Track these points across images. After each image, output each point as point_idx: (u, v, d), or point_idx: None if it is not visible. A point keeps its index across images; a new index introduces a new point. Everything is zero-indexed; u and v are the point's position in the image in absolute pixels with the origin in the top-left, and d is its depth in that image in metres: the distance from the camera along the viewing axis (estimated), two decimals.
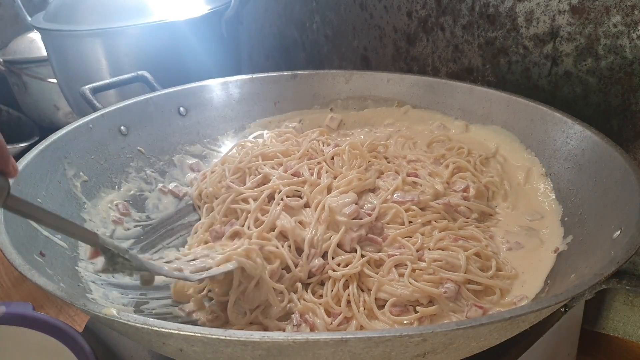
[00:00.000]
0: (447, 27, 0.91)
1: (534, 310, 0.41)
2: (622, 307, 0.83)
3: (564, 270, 0.57)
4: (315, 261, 0.60)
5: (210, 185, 0.74)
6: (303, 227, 0.64)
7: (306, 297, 0.59)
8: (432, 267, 0.58)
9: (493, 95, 0.80)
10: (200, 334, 0.38)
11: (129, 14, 0.95)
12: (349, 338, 0.37)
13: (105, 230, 0.69)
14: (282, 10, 1.27)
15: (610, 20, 0.70)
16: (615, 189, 0.57)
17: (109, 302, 0.56)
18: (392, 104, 0.90)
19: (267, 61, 1.40)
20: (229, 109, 0.90)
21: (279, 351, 0.40)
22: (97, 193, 0.72)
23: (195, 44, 1.00)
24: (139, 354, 0.61)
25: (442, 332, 0.38)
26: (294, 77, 0.92)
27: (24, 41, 1.40)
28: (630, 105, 0.72)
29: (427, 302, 0.57)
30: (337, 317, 0.56)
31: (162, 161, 0.82)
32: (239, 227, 0.65)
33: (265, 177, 0.72)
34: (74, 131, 0.72)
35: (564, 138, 0.70)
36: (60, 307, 0.90)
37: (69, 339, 0.57)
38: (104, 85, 0.86)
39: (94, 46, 0.97)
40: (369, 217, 0.64)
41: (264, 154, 0.77)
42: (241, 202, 0.69)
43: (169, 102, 0.84)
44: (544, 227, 0.66)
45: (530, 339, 0.59)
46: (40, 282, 0.45)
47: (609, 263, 0.45)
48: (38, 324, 0.58)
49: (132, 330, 0.45)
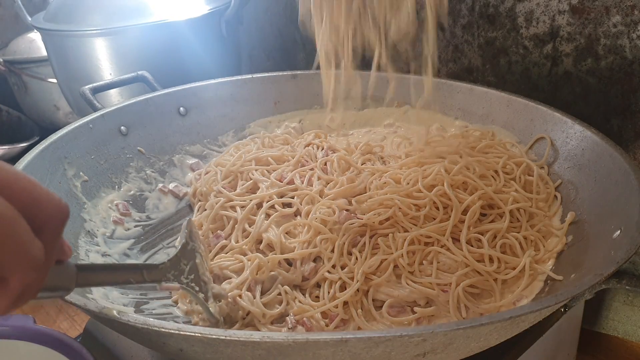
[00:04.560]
0: (447, 27, 0.91)
1: (534, 310, 0.41)
2: (622, 307, 0.84)
3: (564, 271, 0.57)
4: (306, 266, 0.60)
5: (204, 185, 0.75)
6: (293, 236, 0.63)
7: (301, 299, 0.58)
8: (429, 268, 0.58)
9: (493, 95, 0.80)
10: (200, 334, 0.38)
11: (129, 14, 0.95)
12: (349, 338, 0.37)
13: (106, 230, 0.69)
14: (282, 10, 1.27)
15: (610, 20, 0.71)
16: (615, 189, 0.57)
17: (109, 302, 0.56)
18: (392, 104, 0.90)
19: (267, 61, 1.40)
20: (229, 109, 0.89)
21: (279, 351, 0.40)
22: (97, 193, 0.72)
23: (195, 44, 1.00)
24: (139, 354, 0.61)
25: (442, 332, 0.38)
26: (294, 77, 0.92)
27: (24, 41, 1.40)
28: (630, 105, 0.72)
29: (424, 303, 0.57)
30: (334, 320, 0.55)
31: (162, 161, 0.82)
32: (225, 241, 0.65)
33: (256, 183, 0.72)
34: (74, 131, 0.72)
35: (564, 138, 0.70)
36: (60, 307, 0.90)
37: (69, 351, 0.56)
38: (104, 85, 0.86)
39: (94, 46, 0.96)
40: (360, 221, 0.63)
41: (257, 159, 0.76)
42: (229, 209, 0.68)
43: (169, 102, 0.84)
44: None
45: (530, 339, 0.59)
46: None
47: (609, 263, 0.45)
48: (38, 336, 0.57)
49: (132, 330, 0.45)
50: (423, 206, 0.63)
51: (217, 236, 0.65)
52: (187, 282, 0.50)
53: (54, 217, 0.30)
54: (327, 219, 0.63)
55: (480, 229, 0.61)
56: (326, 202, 0.65)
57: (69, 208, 0.31)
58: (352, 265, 0.59)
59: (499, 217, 0.64)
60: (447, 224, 0.60)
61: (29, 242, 0.28)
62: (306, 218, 0.64)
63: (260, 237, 0.63)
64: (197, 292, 0.51)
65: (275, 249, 0.62)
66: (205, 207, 0.71)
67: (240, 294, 0.57)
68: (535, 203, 0.66)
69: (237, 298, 0.56)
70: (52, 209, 0.30)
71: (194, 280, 0.51)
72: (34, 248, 0.28)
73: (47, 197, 0.29)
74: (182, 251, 0.51)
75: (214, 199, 0.71)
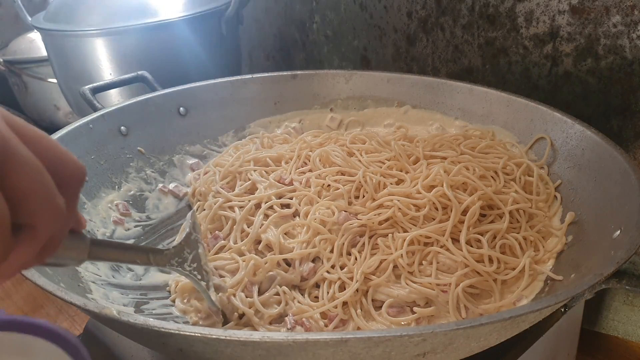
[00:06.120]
0: (447, 27, 0.91)
1: (534, 310, 0.41)
2: (622, 307, 0.84)
3: (564, 271, 0.57)
4: (305, 266, 0.60)
5: (202, 185, 0.75)
6: (292, 237, 0.63)
7: (300, 299, 0.58)
8: (429, 269, 0.58)
9: (493, 95, 0.80)
10: (200, 334, 0.38)
11: (129, 14, 0.95)
12: (349, 338, 0.37)
13: (106, 230, 0.69)
14: (282, 10, 1.27)
15: (610, 20, 0.70)
16: (615, 189, 0.57)
17: (109, 302, 0.56)
18: (392, 104, 0.90)
19: (267, 61, 1.40)
20: (229, 109, 0.89)
21: (278, 351, 0.40)
22: (97, 193, 0.72)
23: (195, 44, 1.01)
24: (139, 354, 0.61)
25: (442, 332, 0.38)
26: (294, 77, 0.92)
27: (24, 41, 1.40)
28: (630, 105, 0.72)
29: (424, 303, 0.57)
30: (334, 320, 0.55)
31: (162, 161, 0.82)
32: (224, 242, 0.65)
33: (254, 184, 0.72)
34: (74, 131, 0.72)
35: (564, 138, 0.70)
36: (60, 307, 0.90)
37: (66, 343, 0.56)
38: (104, 85, 0.86)
39: (94, 46, 0.97)
40: (359, 221, 0.62)
41: (256, 159, 0.76)
42: (228, 210, 0.69)
43: (169, 102, 0.84)
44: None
45: (530, 339, 0.59)
46: (40, 282, 0.45)
47: (609, 263, 0.45)
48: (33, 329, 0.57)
49: (132, 330, 0.45)
50: (422, 206, 0.63)
51: (215, 237, 0.65)
52: (190, 270, 0.52)
53: (74, 176, 0.32)
54: (327, 219, 0.62)
55: (480, 230, 0.61)
56: (325, 202, 0.65)
57: (86, 170, 0.33)
58: (351, 266, 0.59)
59: (498, 217, 0.64)
60: (447, 224, 0.60)
61: (54, 193, 0.29)
62: (305, 219, 0.64)
63: (259, 238, 0.63)
64: (199, 280, 0.53)
65: (274, 250, 0.62)
66: (204, 207, 0.71)
67: (234, 293, 0.57)
68: (535, 204, 0.66)
69: (231, 297, 0.56)
70: (73, 168, 0.32)
71: (197, 269, 0.53)
72: (59, 198, 0.30)
73: (68, 157, 0.31)
74: (186, 240, 0.53)
75: (212, 199, 0.71)
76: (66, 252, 0.35)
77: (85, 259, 0.37)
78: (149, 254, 0.47)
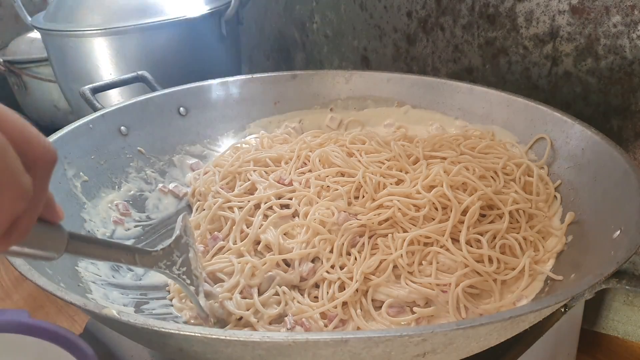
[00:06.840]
0: (447, 27, 0.91)
1: (534, 310, 0.41)
2: (622, 307, 0.84)
3: (564, 271, 0.57)
4: (304, 266, 0.60)
5: (202, 185, 0.75)
6: (291, 237, 0.63)
7: (300, 299, 0.58)
8: (429, 269, 0.58)
9: (493, 95, 0.80)
10: (200, 334, 0.38)
11: (129, 14, 0.95)
12: (349, 338, 0.37)
13: (106, 230, 0.69)
14: (282, 10, 1.27)
15: (610, 20, 0.71)
16: (615, 189, 0.57)
17: (109, 302, 0.56)
18: (392, 104, 0.90)
19: (267, 61, 1.40)
20: (229, 109, 0.89)
21: (278, 351, 0.40)
22: (97, 193, 0.72)
23: (195, 44, 1.01)
24: (139, 354, 0.61)
25: (442, 332, 0.38)
26: (294, 77, 0.92)
27: (24, 41, 1.40)
28: (630, 105, 0.72)
29: (424, 303, 0.57)
30: (333, 320, 0.55)
31: (162, 161, 0.82)
32: (223, 242, 0.65)
33: (254, 184, 0.72)
34: (74, 131, 0.72)
35: (564, 138, 0.70)
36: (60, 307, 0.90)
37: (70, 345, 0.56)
38: (104, 85, 0.86)
39: (93, 46, 0.97)
40: (359, 221, 0.62)
41: (255, 159, 0.76)
42: (227, 210, 0.68)
43: (169, 102, 0.84)
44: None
45: (530, 339, 0.59)
46: (40, 282, 0.45)
47: (609, 263, 0.45)
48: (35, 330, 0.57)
49: (132, 330, 0.45)
50: (422, 207, 0.63)
51: (214, 238, 0.65)
52: (178, 274, 0.51)
53: (42, 158, 0.30)
54: (326, 220, 0.62)
55: (480, 230, 0.61)
56: (325, 203, 0.65)
57: (57, 153, 0.31)
58: (351, 266, 0.59)
59: (498, 217, 0.64)
60: (447, 225, 0.60)
61: (18, 170, 0.28)
62: (305, 219, 0.64)
63: (258, 238, 0.63)
64: (188, 284, 0.52)
65: (273, 250, 0.62)
66: (204, 208, 0.71)
67: (230, 296, 0.57)
68: (534, 204, 0.66)
69: (225, 302, 0.56)
70: (42, 150, 0.30)
71: (186, 273, 0.52)
72: (24, 177, 0.28)
73: (38, 138, 0.30)
74: (175, 243, 0.52)
75: (212, 199, 0.71)
76: (40, 242, 0.34)
77: (62, 251, 0.36)
78: (135, 254, 0.46)
